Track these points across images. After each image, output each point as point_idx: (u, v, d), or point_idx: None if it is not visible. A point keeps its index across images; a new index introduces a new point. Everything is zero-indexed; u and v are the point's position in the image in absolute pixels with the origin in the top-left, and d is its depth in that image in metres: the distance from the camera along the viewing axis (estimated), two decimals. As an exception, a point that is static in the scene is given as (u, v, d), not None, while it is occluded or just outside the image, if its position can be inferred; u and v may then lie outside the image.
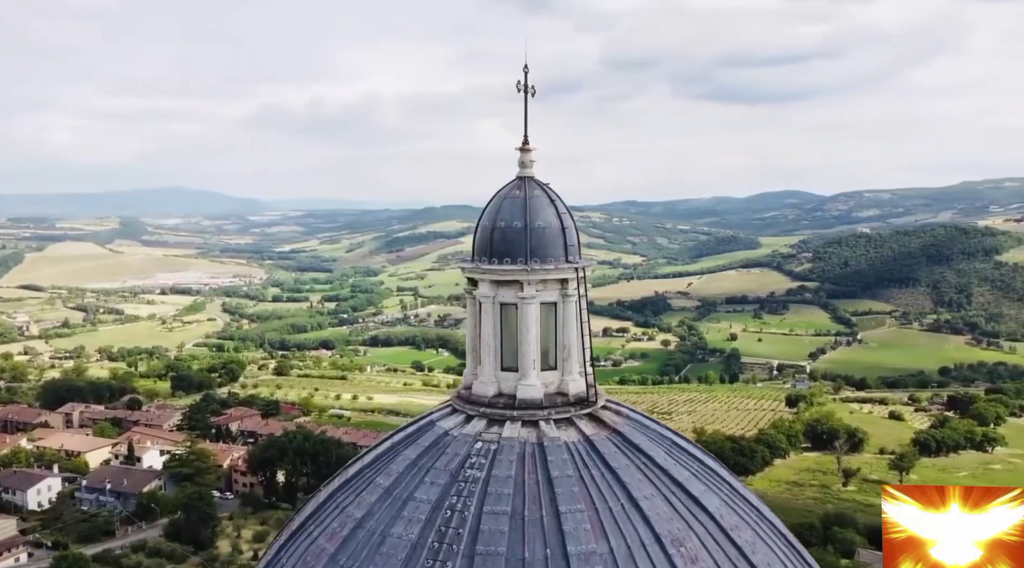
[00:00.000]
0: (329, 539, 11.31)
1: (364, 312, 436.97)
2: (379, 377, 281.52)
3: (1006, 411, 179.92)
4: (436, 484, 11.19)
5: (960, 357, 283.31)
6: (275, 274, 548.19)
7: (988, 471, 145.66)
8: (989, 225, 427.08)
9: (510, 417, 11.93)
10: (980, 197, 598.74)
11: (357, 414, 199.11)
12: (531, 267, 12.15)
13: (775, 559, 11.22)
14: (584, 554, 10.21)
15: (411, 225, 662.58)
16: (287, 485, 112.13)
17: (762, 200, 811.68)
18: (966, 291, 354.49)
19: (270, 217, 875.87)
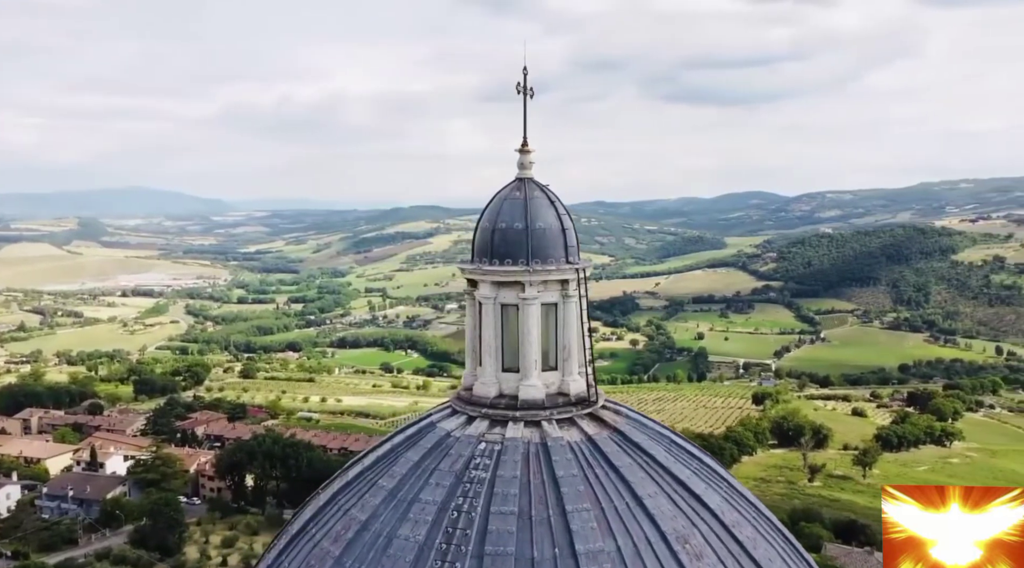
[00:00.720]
0: (333, 542, 11.24)
1: (332, 313, 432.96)
2: (347, 379, 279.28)
3: (963, 406, 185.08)
4: (441, 485, 11.19)
5: (919, 354, 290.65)
6: (240, 275, 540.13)
7: (947, 465, 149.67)
8: (946, 225, 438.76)
9: (512, 418, 11.98)
10: (937, 198, 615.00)
11: (326, 416, 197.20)
12: (533, 268, 12.21)
13: (775, 554, 11.45)
14: (592, 552, 10.31)
15: (379, 225, 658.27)
16: (256, 489, 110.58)
17: (728, 201, 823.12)
18: (924, 290, 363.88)
19: (235, 217, 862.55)
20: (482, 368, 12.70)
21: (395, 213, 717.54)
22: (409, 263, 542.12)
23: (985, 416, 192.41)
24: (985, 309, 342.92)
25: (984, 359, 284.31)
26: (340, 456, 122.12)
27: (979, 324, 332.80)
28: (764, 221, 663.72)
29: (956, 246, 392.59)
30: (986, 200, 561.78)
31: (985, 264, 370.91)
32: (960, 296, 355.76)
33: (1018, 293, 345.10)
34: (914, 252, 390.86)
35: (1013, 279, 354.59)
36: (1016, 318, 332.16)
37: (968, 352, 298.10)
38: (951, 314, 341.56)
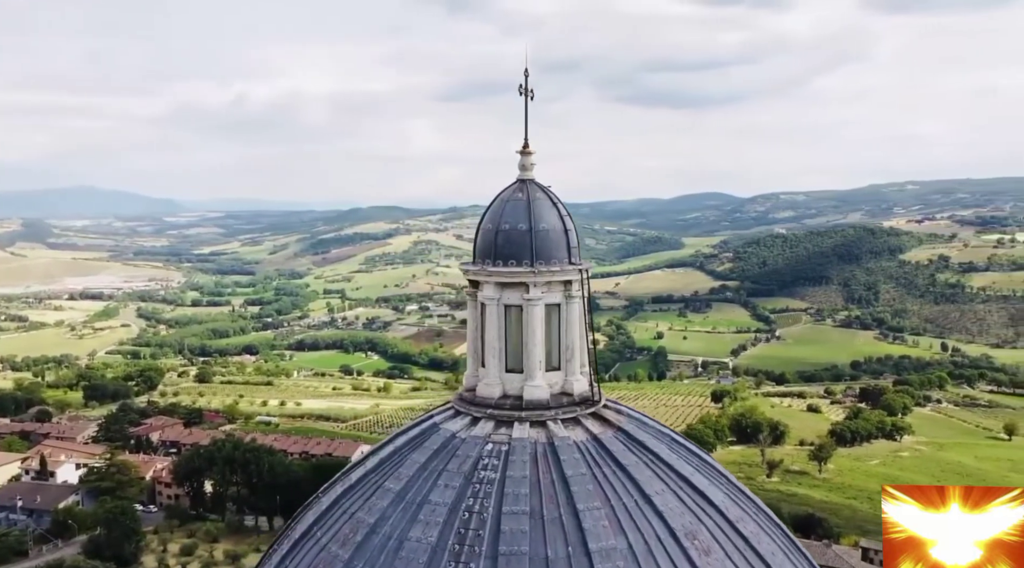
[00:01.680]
0: (341, 545, 11.14)
1: (289, 316, 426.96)
2: (307, 382, 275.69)
3: (912, 401, 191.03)
4: (451, 487, 11.18)
5: (869, 351, 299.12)
6: (194, 277, 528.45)
7: (897, 458, 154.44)
8: (894, 226, 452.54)
9: (518, 418, 12.02)
10: (885, 199, 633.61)
11: (285, 420, 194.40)
12: (537, 269, 12.28)
13: (776, 549, 11.71)
14: (605, 551, 10.42)
15: (337, 226, 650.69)
16: (215, 495, 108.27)
17: (685, 202, 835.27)
18: (874, 288, 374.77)
19: (188, 218, 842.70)
20: (485, 369, 12.71)
21: (353, 214, 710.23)
22: (368, 264, 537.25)
23: (932, 410, 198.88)
24: (931, 307, 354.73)
25: (931, 355, 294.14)
26: (302, 460, 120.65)
27: (926, 321, 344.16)
28: (720, 222, 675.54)
29: (903, 246, 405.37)
30: (931, 201, 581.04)
31: (931, 263, 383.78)
32: (908, 294, 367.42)
33: (961, 291, 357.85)
34: (864, 252, 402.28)
35: (957, 278, 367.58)
36: (960, 315, 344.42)
37: (916, 349, 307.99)
38: (899, 312, 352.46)
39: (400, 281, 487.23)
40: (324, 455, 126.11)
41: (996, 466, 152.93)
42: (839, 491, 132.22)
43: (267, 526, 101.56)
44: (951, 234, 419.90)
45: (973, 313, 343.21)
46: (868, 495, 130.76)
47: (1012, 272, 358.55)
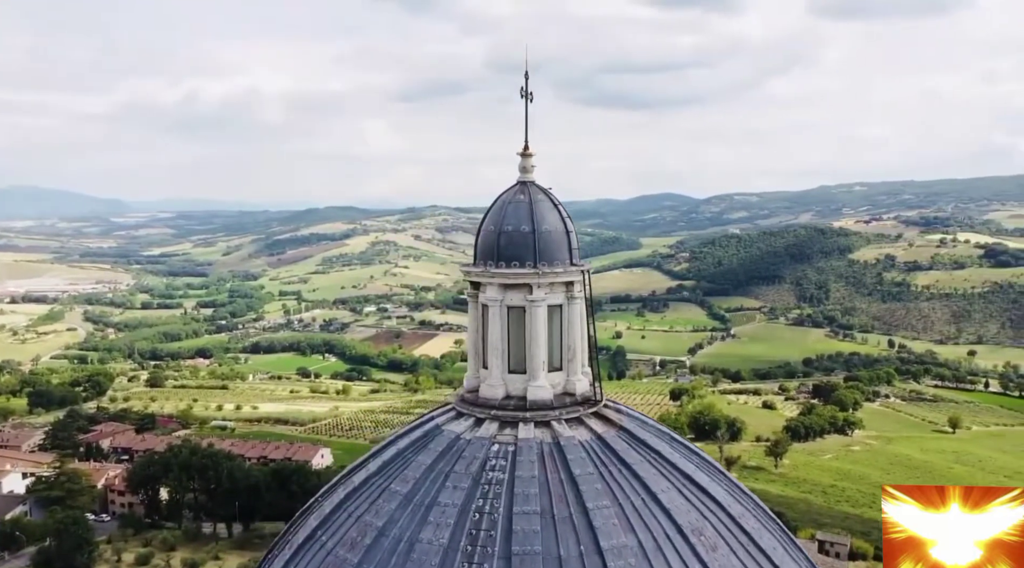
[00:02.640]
0: (349, 549, 11.04)
1: (244, 318, 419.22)
2: (263, 385, 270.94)
3: (862, 397, 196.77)
4: (459, 488, 11.17)
5: (821, 348, 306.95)
6: (144, 279, 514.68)
7: (849, 453, 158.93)
8: (843, 226, 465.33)
9: (522, 418, 12.07)
10: (835, 200, 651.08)
11: (242, 425, 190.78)
12: (541, 270, 12.35)
13: (776, 544, 11.99)
14: (616, 548, 10.54)
15: (293, 227, 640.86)
16: (172, 503, 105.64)
17: (642, 202, 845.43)
18: (824, 287, 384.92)
19: (136, 219, 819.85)
20: (488, 370, 12.74)
21: (310, 214, 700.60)
22: (325, 265, 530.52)
23: (881, 405, 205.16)
24: (879, 305, 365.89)
25: (879, 352, 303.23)
26: (260, 465, 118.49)
27: (874, 319, 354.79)
28: (677, 222, 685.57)
29: (852, 246, 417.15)
30: (878, 202, 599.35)
31: (878, 263, 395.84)
32: (856, 293, 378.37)
33: (907, 290, 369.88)
34: (815, 252, 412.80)
35: (903, 276, 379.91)
36: (906, 313, 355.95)
37: (864, 346, 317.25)
38: (848, 310, 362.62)
39: (358, 282, 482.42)
40: (283, 459, 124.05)
41: (941, 458, 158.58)
42: (795, 485, 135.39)
43: (226, 533, 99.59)
44: (897, 234, 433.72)
45: (918, 311, 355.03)
46: (822, 489, 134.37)
47: (954, 271, 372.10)
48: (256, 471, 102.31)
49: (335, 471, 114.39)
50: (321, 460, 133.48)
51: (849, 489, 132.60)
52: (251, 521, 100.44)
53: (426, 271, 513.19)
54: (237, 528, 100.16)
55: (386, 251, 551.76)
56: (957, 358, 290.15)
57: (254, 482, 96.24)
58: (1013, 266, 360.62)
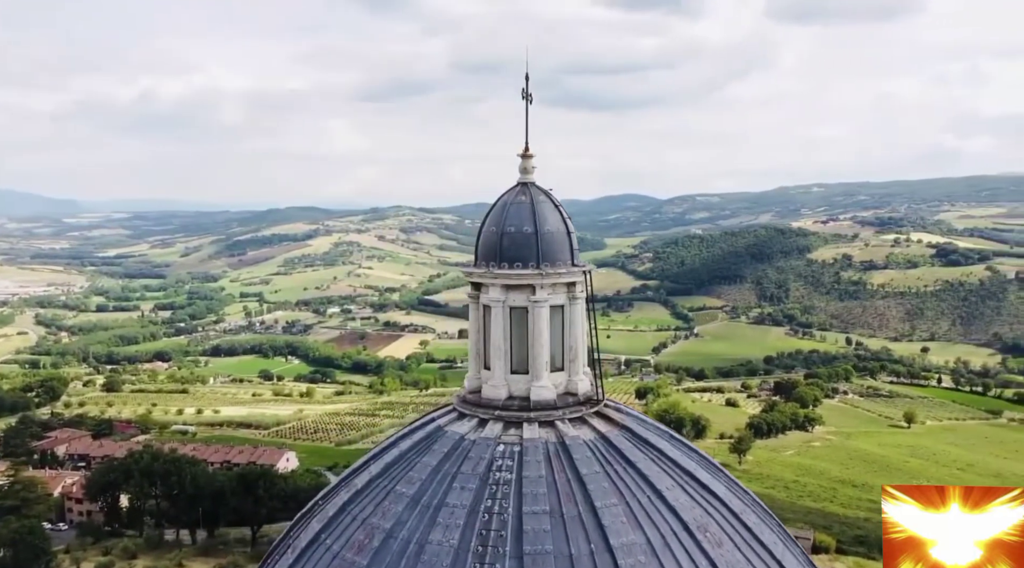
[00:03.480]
0: (357, 552, 10.96)
1: (204, 320, 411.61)
2: (224, 389, 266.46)
3: (821, 393, 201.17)
4: (467, 489, 11.18)
5: (781, 346, 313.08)
6: (99, 281, 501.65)
7: (810, 448, 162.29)
8: (801, 227, 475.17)
9: (527, 419, 12.12)
10: (793, 201, 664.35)
11: (203, 429, 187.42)
12: (544, 271, 12.43)
13: (776, 539, 12.25)
14: (626, 546, 10.66)
15: (253, 227, 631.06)
16: (132, 510, 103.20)
17: (606, 203, 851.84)
18: (784, 286, 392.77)
19: (91, 219, 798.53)
20: (490, 371, 12.76)
21: (271, 214, 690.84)
22: (287, 266, 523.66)
23: (840, 402, 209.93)
24: (836, 303, 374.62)
25: (836, 349, 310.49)
26: (224, 470, 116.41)
27: (831, 317, 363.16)
28: (640, 222, 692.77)
29: (811, 245, 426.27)
30: (835, 203, 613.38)
31: (835, 262, 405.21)
32: (815, 292, 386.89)
33: (863, 289, 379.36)
34: (775, 251, 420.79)
35: (859, 275, 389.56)
36: (862, 311, 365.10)
37: (823, 343, 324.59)
38: (808, 308, 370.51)
39: (321, 283, 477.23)
40: (248, 464, 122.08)
41: (898, 452, 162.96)
42: (758, 481, 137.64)
43: (189, 539, 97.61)
44: (853, 234, 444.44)
45: (874, 309, 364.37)
46: (784, 484, 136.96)
47: (908, 270, 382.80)
48: (221, 476, 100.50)
49: (301, 475, 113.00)
50: (287, 464, 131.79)
51: (811, 484, 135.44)
52: (216, 527, 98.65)
53: (390, 272, 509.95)
54: (201, 534, 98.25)
55: (349, 252, 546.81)
56: (911, 355, 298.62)
57: (219, 487, 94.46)
58: (963, 265, 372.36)
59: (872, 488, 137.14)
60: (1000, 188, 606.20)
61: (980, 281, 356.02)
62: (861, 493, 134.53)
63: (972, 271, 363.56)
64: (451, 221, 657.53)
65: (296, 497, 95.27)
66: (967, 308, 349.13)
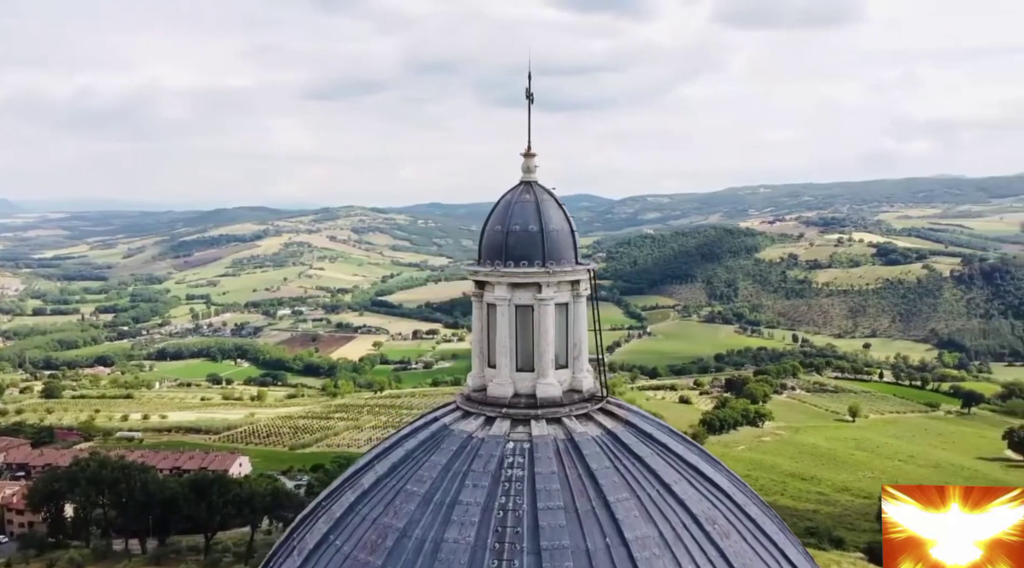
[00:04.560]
0: (370, 552, 10.86)
1: (148, 323, 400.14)
2: (171, 393, 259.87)
3: (771, 389, 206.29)
4: (480, 486, 11.20)
5: (731, 344, 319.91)
6: (35, 284, 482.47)
7: (761, 443, 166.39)
8: (749, 227, 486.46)
9: (534, 416, 12.20)
10: (741, 202, 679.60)
11: (150, 435, 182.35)
12: (551, 269, 12.53)
13: (776, 530, 12.56)
14: (640, 539, 10.82)
15: (200, 228, 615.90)
16: (78, 520, 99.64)
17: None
18: (733, 285, 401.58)
19: (25, 219, 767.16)
20: (495, 369, 12.79)
21: (218, 214, 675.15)
22: (235, 267, 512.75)
23: (788, 397, 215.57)
24: (783, 301, 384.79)
25: (784, 346, 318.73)
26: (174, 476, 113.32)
27: (779, 315, 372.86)
28: (593, 223, 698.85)
29: (758, 245, 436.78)
30: (780, 204, 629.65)
31: (782, 261, 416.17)
32: (763, 290, 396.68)
33: (808, 287, 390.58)
34: (724, 251, 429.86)
35: (804, 274, 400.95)
36: (808, 309, 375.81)
37: (771, 340, 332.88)
38: (756, 307, 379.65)
39: (271, 284, 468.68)
40: (199, 469, 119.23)
41: (844, 445, 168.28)
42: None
43: (139, 549, 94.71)
44: (799, 234, 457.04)
45: (818, 306, 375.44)
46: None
47: (850, 268, 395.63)
48: (173, 482, 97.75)
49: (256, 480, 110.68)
50: (239, 469, 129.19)
51: (762, 478, 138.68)
52: (167, 535, 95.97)
53: (342, 272, 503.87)
54: (152, 543, 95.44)
55: (300, 252, 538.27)
56: (854, 351, 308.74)
57: (170, 494, 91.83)
58: (902, 264, 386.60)
59: (821, 481, 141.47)
60: (935, 190, 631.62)
61: (918, 279, 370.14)
62: (810, 486, 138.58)
63: (910, 270, 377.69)
64: (404, 221, 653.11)
65: (251, 503, 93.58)
66: (906, 305, 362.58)
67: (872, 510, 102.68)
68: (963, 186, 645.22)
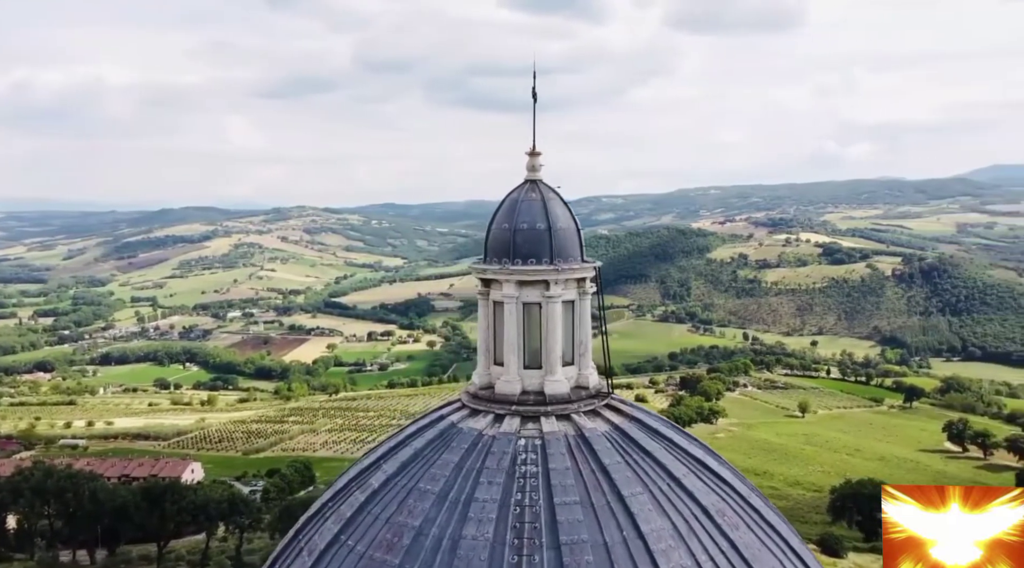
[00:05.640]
0: (387, 551, 10.78)
1: (91, 327, 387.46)
2: (117, 399, 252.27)
3: (724, 387, 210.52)
4: (495, 483, 11.22)
5: (684, 342, 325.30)
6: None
7: (715, 439, 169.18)
8: (700, 227, 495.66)
9: (544, 413, 12.28)
10: (693, 202, 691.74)
11: (96, 442, 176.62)
12: (559, 267, 12.62)
13: (778, 520, 12.89)
14: (655, 532, 10.98)
15: (145, 229, 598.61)
16: (21, 532, 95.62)
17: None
18: (686, 285, 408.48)
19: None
20: (503, 367, 12.83)
21: (164, 215, 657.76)
22: (183, 269, 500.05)
23: (741, 394, 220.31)
24: (734, 300, 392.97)
25: (735, 345, 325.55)
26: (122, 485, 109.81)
27: (730, 314, 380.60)
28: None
29: (710, 245, 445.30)
30: (730, 205, 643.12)
31: (733, 261, 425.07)
32: (714, 290, 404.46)
33: (758, 286, 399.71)
34: (677, 251, 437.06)
35: (754, 274, 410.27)
36: (757, 308, 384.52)
37: (723, 339, 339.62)
38: (708, 306, 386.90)
39: (220, 286, 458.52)
40: (150, 477, 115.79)
41: (794, 441, 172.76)
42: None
43: (87, 560, 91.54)
44: (748, 234, 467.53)
45: (768, 305, 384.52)
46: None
47: (798, 268, 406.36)
48: (124, 491, 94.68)
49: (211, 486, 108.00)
50: (192, 475, 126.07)
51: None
52: (116, 545, 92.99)
53: (294, 274, 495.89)
54: (101, 554, 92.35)
55: (250, 253, 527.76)
56: (802, 348, 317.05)
57: (121, 503, 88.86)
58: (846, 263, 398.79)
59: (773, 476, 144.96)
60: (877, 191, 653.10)
61: (861, 278, 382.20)
62: (763, 481, 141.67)
63: (854, 269, 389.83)
64: (357, 222, 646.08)
65: (206, 509, 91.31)
66: (850, 304, 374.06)
67: (823, 503, 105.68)
68: (903, 188, 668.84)
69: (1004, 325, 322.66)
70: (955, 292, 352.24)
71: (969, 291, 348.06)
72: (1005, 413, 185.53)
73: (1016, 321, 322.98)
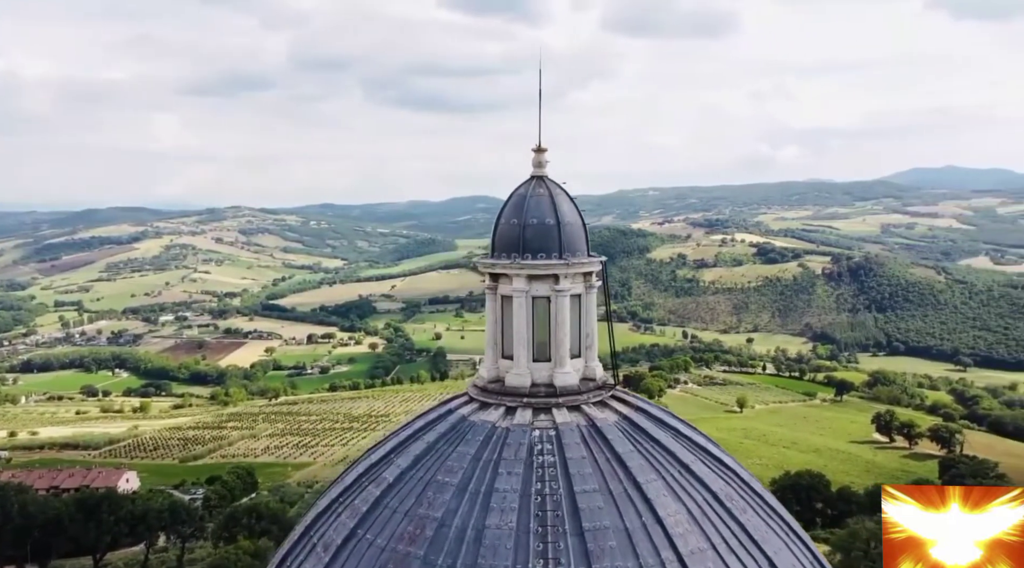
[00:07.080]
0: (409, 543, 10.77)
1: (11, 333, 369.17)
2: (41, 407, 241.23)
3: (665, 384, 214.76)
4: (514, 473, 11.35)
5: (627, 341, 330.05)
6: None
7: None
8: (640, 228, 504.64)
9: (555, 404, 12.47)
10: (632, 203, 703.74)
11: (20, 453, 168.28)
12: (568, 261, 12.82)
13: (780, 505, 13.39)
14: (672, 516, 11.30)
15: (69, 230, 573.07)
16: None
17: (456, 204, 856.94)
18: (627, 284, 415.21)
19: None
20: (512, 360, 12.97)
21: (89, 215, 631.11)
22: (111, 271, 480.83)
23: (682, 391, 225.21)
24: (673, 299, 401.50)
25: (675, 343, 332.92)
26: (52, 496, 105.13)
27: (669, 313, 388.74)
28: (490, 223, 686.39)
29: (649, 245, 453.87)
30: (669, 206, 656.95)
31: (672, 261, 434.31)
32: (654, 289, 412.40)
33: (696, 285, 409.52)
34: (618, 251, 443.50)
35: (692, 273, 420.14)
36: (696, 306, 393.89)
37: (663, 337, 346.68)
38: (648, 305, 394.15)
39: (151, 289, 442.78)
40: (82, 487, 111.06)
41: (733, 435, 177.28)
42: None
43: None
44: (686, 235, 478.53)
45: (705, 304, 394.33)
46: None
47: (734, 267, 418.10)
48: (56, 502, 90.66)
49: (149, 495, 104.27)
50: (127, 484, 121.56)
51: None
52: (48, 559, 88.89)
53: (230, 276, 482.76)
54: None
55: (183, 255, 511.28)
56: (739, 345, 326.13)
57: (54, 515, 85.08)
58: (779, 263, 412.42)
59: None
60: (807, 193, 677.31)
61: (794, 277, 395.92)
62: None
63: (787, 268, 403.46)
64: (295, 222, 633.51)
65: (146, 519, 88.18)
66: (783, 301, 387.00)
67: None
68: (831, 190, 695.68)
69: (925, 321, 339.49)
70: (880, 290, 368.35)
71: (893, 289, 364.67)
72: (927, 405, 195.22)
73: (935, 317, 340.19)
